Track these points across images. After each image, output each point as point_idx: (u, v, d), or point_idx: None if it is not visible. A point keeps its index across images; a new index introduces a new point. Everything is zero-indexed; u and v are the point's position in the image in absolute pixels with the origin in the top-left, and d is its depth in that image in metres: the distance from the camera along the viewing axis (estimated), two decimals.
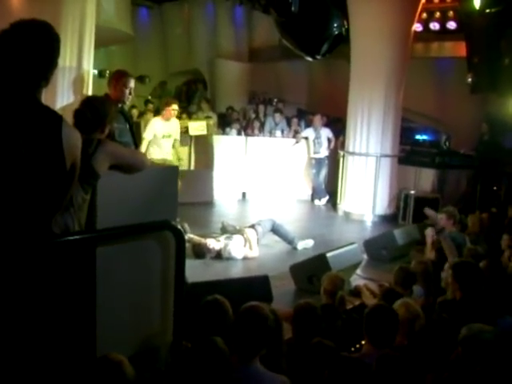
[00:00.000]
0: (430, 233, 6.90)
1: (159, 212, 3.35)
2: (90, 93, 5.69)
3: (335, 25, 6.99)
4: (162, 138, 8.68)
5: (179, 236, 3.23)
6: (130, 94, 5.22)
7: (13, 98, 2.36)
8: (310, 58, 8.40)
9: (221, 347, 2.85)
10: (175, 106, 8.89)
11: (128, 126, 5.21)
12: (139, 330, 3.39)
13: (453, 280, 4.37)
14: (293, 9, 6.77)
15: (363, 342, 3.71)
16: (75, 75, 5.41)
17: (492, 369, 2.83)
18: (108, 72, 13.65)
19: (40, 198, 2.38)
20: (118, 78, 5.23)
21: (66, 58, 5.29)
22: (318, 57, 7.73)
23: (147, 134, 8.52)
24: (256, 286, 5.05)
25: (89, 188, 2.91)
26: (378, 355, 3.04)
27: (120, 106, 5.29)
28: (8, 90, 2.37)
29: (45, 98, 2.56)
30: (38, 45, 2.40)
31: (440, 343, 3.36)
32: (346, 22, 7.39)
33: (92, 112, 3.19)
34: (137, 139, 5.55)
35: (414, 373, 3.01)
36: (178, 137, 8.91)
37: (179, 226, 3.31)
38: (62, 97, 5.23)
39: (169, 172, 3.68)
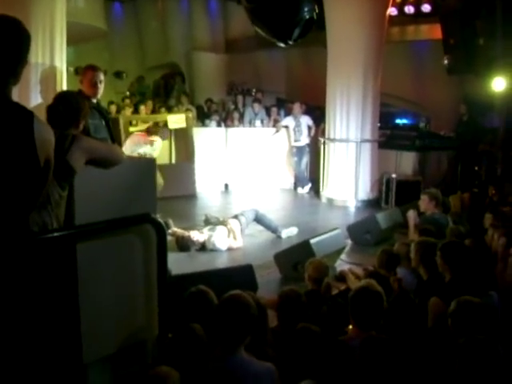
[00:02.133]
0: (411, 215, 6.94)
1: (138, 205, 3.32)
2: (64, 89, 5.65)
3: (306, 9, 6.96)
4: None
5: (160, 229, 3.22)
6: (101, 87, 5.19)
7: None
8: (282, 44, 8.37)
9: (199, 334, 2.85)
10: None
11: (104, 121, 5.17)
12: (124, 325, 3.37)
13: (442, 261, 4.38)
14: None
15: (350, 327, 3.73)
16: (48, 72, 5.35)
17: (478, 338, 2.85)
18: None
19: (15, 195, 2.35)
20: (86, 73, 5.22)
21: (38, 55, 5.25)
22: (290, 42, 7.69)
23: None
24: (240, 276, 5.04)
25: (65, 184, 2.88)
26: (363, 337, 3.05)
27: (95, 101, 5.26)
28: None
29: (18, 95, 2.53)
30: (5, 40, 2.36)
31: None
32: (316, 6, 7.35)
33: (65, 107, 3.15)
34: (114, 135, 5.51)
35: (400, 354, 3.03)
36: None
37: (160, 220, 3.30)
38: (35, 94, 5.18)
39: (146, 165, 3.66)
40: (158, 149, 9.72)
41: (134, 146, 8.87)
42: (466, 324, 3.14)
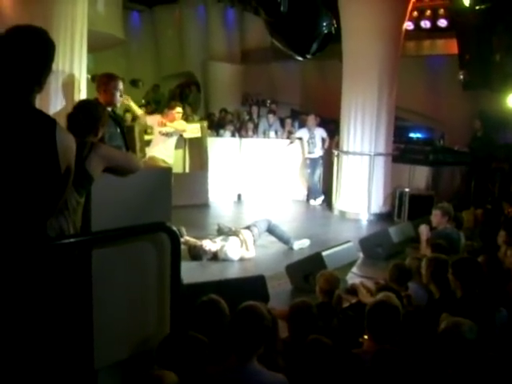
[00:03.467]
0: (424, 230, 6.93)
1: (153, 214, 3.36)
2: (83, 97, 5.70)
3: (324, 24, 6.97)
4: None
5: (174, 237, 3.25)
6: (120, 96, 5.20)
7: (6, 102, 2.38)
8: (300, 58, 8.38)
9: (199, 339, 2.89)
10: (179, 109, 9.06)
11: (119, 129, 5.19)
12: (136, 332, 3.40)
13: (453, 278, 4.36)
14: (282, 9, 6.74)
15: (360, 340, 3.72)
16: (68, 79, 5.41)
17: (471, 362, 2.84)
18: None
19: (35, 201, 2.39)
20: (107, 82, 5.16)
21: (58, 63, 5.28)
22: (308, 56, 7.70)
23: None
24: (252, 286, 5.06)
25: (83, 191, 2.92)
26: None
27: (110, 109, 5.28)
28: (2, 95, 2.38)
29: (38, 102, 2.57)
30: (32, 50, 2.41)
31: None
32: (335, 21, 7.38)
33: (85, 115, 3.20)
34: (129, 143, 5.54)
35: (412, 367, 3.03)
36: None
37: (174, 228, 3.33)
38: (55, 101, 5.24)
39: (162, 174, 3.69)
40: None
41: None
42: (453, 345, 3.11)
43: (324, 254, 5.99)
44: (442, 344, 3.15)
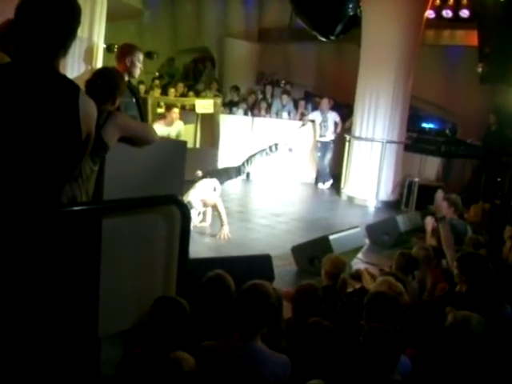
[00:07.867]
0: (429, 220, 6.92)
1: (165, 186, 3.36)
2: (99, 65, 5.67)
3: (350, 5, 6.88)
4: None
5: (185, 211, 3.25)
6: (139, 67, 5.15)
7: (31, 66, 2.35)
8: (323, 38, 8.28)
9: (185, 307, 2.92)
10: (176, 110, 9.46)
11: (134, 100, 5.15)
12: (141, 303, 3.40)
13: (459, 272, 4.35)
14: None
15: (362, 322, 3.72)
16: (86, 47, 5.39)
17: (479, 357, 2.83)
18: (116, 47, 13.63)
19: (54, 166, 2.38)
20: (127, 52, 5.05)
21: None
22: (332, 37, 7.61)
23: None
24: (258, 265, 5.06)
25: (97, 159, 2.92)
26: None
27: (127, 79, 5.24)
28: (27, 58, 2.36)
29: None
30: (58, 12, 2.37)
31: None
32: (361, 3, 7.25)
33: (103, 83, 3.18)
34: (143, 114, 5.51)
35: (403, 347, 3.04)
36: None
37: (185, 201, 3.33)
38: (72, 68, 5.21)
39: (177, 147, 3.68)
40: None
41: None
42: (461, 339, 3.11)
43: (331, 237, 6.00)
44: (449, 337, 3.14)
